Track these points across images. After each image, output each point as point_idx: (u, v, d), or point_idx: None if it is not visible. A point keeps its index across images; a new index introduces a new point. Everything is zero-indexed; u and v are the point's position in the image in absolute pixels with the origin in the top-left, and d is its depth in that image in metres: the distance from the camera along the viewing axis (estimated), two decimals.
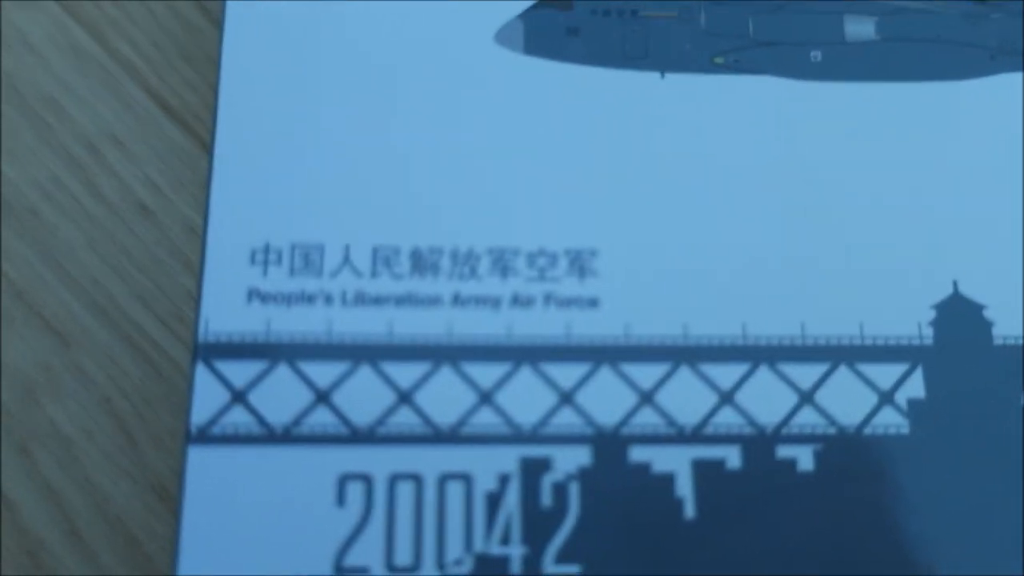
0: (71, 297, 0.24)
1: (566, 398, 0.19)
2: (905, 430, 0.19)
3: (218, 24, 0.26)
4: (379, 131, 0.21)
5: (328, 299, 0.19)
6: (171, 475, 0.22)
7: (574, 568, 0.18)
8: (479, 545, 0.18)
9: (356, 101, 0.21)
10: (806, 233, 0.20)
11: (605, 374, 0.19)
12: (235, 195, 0.20)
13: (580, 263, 0.20)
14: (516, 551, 0.18)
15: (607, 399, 0.19)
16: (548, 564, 0.18)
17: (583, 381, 0.19)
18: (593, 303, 0.20)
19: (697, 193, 0.21)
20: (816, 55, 0.22)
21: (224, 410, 0.19)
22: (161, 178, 0.25)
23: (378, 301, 0.20)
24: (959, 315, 0.20)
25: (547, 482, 0.19)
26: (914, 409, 0.19)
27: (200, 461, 0.18)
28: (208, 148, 0.25)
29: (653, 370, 0.19)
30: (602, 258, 0.20)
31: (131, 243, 0.24)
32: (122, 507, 0.22)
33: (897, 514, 0.19)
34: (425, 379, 0.19)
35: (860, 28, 0.22)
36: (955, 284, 0.20)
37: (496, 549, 0.18)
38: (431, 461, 0.19)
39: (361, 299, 0.19)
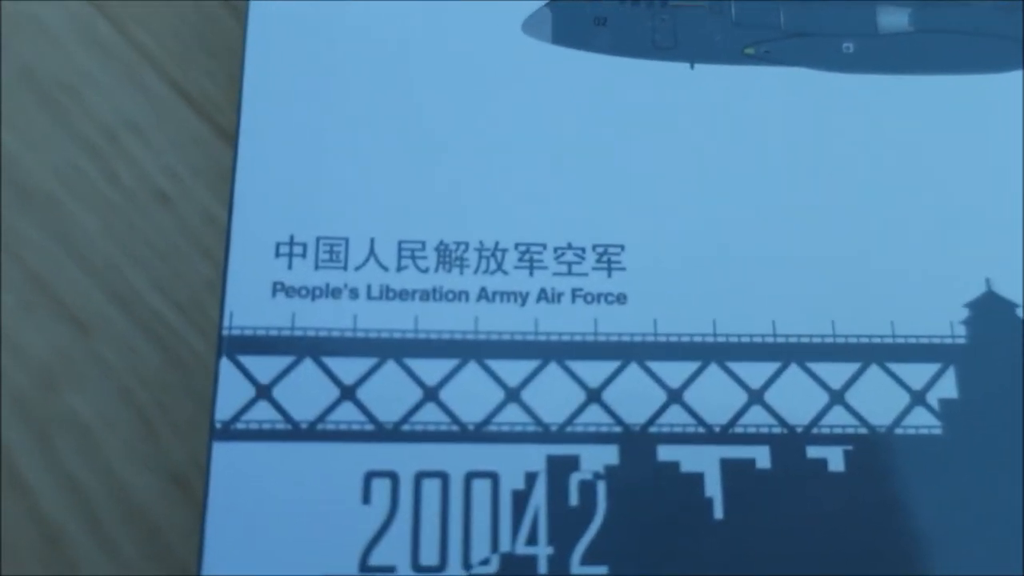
0: (90, 285, 0.24)
1: (593, 396, 0.19)
2: (937, 431, 0.19)
3: (238, 14, 0.26)
4: (405, 123, 0.20)
5: (353, 293, 0.19)
6: (191, 465, 0.22)
7: (601, 568, 0.18)
8: (505, 545, 0.18)
9: (381, 93, 0.20)
10: (837, 229, 0.20)
11: (633, 371, 0.19)
12: (260, 187, 0.19)
13: (608, 258, 0.20)
14: (543, 551, 0.18)
15: (635, 397, 0.19)
16: (575, 564, 0.18)
17: (611, 378, 0.19)
18: (621, 299, 0.19)
19: (726, 187, 0.20)
20: (848, 47, 0.21)
21: (249, 405, 0.18)
22: (180, 166, 0.25)
23: (403, 295, 0.19)
24: (992, 313, 0.20)
25: (574, 481, 0.18)
26: (946, 409, 0.19)
27: (225, 457, 0.18)
28: (227, 137, 0.25)
29: (681, 368, 0.19)
30: (630, 253, 0.20)
31: (150, 231, 0.24)
32: (142, 496, 0.22)
33: (928, 515, 0.19)
34: (451, 375, 0.19)
35: (893, 19, 0.21)
36: (988, 282, 0.20)
37: (523, 549, 0.18)
38: (457, 459, 0.18)
39: (386, 293, 0.19)
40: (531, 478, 0.18)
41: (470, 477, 0.18)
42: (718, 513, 0.18)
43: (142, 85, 0.25)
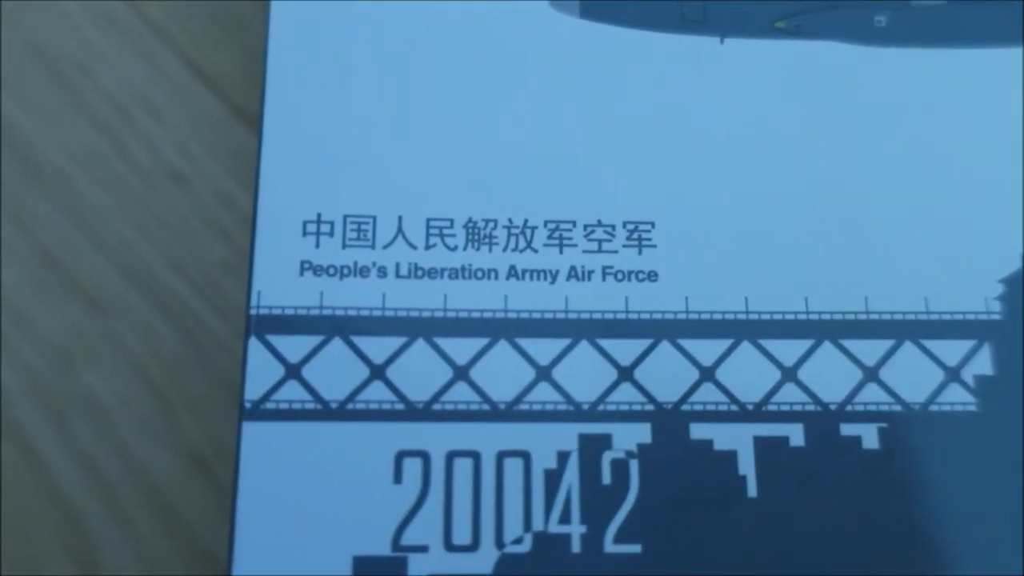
0: (104, 264, 0.23)
1: (625, 374, 0.19)
2: (972, 407, 0.19)
3: None
4: (433, 100, 0.20)
5: (382, 271, 0.19)
6: (209, 444, 0.22)
7: (635, 547, 0.18)
8: (539, 524, 0.18)
9: (409, 69, 0.20)
10: (870, 205, 0.20)
11: (665, 349, 0.19)
12: (286, 166, 0.19)
13: (638, 235, 0.20)
14: (576, 529, 0.18)
15: (667, 375, 0.19)
16: (608, 543, 0.18)
17: (642, 356, 0.19)
18: (652, 276, 0.19)
19: (757, 163, 0.20)
20: (880, 20, 0.21)
21: (278, 385, 0.18)
22: (194, 144, 0.24)
23: (432, 274, 0.19)
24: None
25: (607, 459, 0.18)
26: (981, 386, 0.19)
27: (255, 437, 0.18)
28: (242, 114, 0.24)
29: (714, 345, 0.19)
30: (660, 230, 0.20)
31: (164, 210, 0.24)
32: (160, 476, 0.22)
33: (964, 493, 0.18)
34: (481, 354, 0.19)
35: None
36: (1023, 257, 0.20)
37: (555, 527, 0.18)
38: (489, 438, 0.18)
39: (415, 272, 0.19)
40: (563, 457, 0.18)
41: (502, 456, 0.18)
42: (752, 491, 0.18)
43: (155, 62, 0.25)
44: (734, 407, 0.19)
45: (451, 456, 0.18)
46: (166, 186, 0.24)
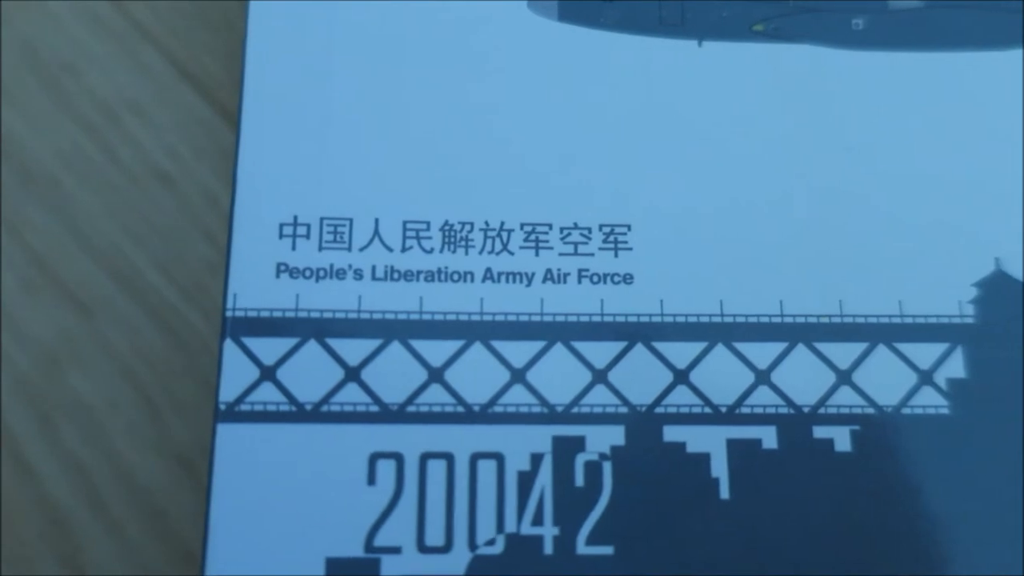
0: (92, 265, 0.23)
1: (599, 376, 0.19)
2: (945, 411, 0.19)
3: None
4: (410, 102, 0.20)
5: (358, 274, 0.19)
6: (196, 446, 0.22)
7: (607, 549, 0.18)
8: (511, 525, 0.18)
9: (385, 72, 0.20)
10: (844, 208, 0.20)
11: (639, 352, 0.19)
12: (262, 168, 0.19)
13: (614, 238, 0.20)
14: (548, 531, 0.18)
15: (641, 378, 0.19)
16: (581, 544, 0.18)
17: (617, 359, 0.19)
18: (627, 279, 0.19)
19: (734, 166, 0.20)
20: (858, 23, 0.21)
21: (253, 387, 0.18)
22: (181, 145, 0.24)
23: (408, 276, 0.19)
24: (1000, 292, 0.20)
25: (580, 462, 0.18)
26: (954, 389, 0.19)
27: (229, 438, 0.18)
28: (229, 115, 0.25)
29: (688, 348, 0.19)
30: (637, 233, 0.20)
31: (151, 211, 0.24)
32: (147, 479, 0.22)
33: (936, 496, 0.18)
34: (456, 356, 0.19)
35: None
36: (997, 261, 0.20)
37: (528, 529, 0.18)
38: (462, 440, 0.18)
39: (391, 274, 0.19)
40: (537, 459, 0.18)
41: (475, 458, 0.18)
42: (724, 493, 0.18)
43: (142, 63, 0.25)
44: (708, 409, 0.19)
45: (425, 458, 0.18)
46: (153, 187, 0.24)
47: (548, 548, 0.18)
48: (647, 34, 0.21)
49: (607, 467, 0.18)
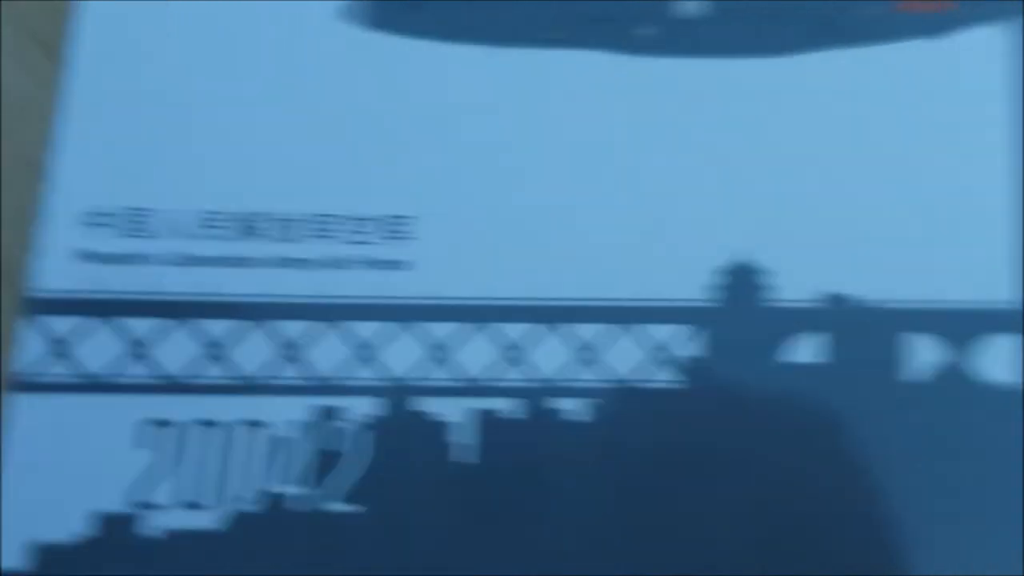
0: None
1: (362, 353, 0.20)
2: (682, 385, 0.20)
3: None
4: (212, 99, 0.22)
5: (156, 260, 0.21)
6: None
7: (361, 508, 0.19)
8: (268, 485, 0.19)
9: (193, 74, 0.22)
10: (594, 195, 0.21)
11: (401, 331, 0.20)
12: (71, 161, 0.21)
13: (397, 228, 0.21)
14: (304, 492, 0.19)
15: (401, 354, 0.20)
16: (335, 504, 0.19)
17: (378, 336, 0.20)
18: (407, 266, 0.21)
19: (509, 164, 0.22)
20: (646, 31, 0.22)
21: (47, 361, 0.20)
22: None
23: (204, 262, 0.21)
24: (737, 279, 0.21)
25: (337, 429, 0.20)
26: (690, 366, 0.20)
27: (22, 408, 0.20)
28: None
29: (448, 328, 0.20)
30: (417, 223, 0.21)
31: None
32: None
33: (675, 465, 0.20)
34: (239, 335, 0.20)
35: (690, 6, 0.23)
36: (735, 250, 0.21)
37: (284, 488, 0.19)
38: (229, 409, 0.20)
39: (188, 260, 0.21)
40: (296, 426, 0.20)
41: (238, 424, 0.20)
42: (473, 459, 0.20)
43: None
44: (461, 383, 0.20)
45: (190, 424, 0.20)
46: None
47: (304, 506, 0.19)
48: (457, 41, 0.22)
49: (365, 435, 0.20)
